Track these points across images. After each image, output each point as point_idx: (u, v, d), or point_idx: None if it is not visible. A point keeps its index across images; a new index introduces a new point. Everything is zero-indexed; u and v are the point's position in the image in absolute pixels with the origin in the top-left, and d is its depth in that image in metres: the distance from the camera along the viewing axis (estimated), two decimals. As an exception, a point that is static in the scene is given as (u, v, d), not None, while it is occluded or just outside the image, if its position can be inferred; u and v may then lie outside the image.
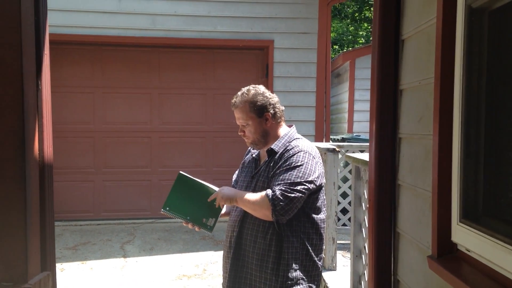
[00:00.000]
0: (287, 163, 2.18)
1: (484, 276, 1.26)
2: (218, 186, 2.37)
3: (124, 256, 5.46)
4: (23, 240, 1.41)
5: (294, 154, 2.19)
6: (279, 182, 2.13)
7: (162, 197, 2.40)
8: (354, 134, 8.93)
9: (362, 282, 3.03)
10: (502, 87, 1.31)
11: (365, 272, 2.94)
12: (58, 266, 5.03)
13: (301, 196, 2.12)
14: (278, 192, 2.09)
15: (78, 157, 6.99)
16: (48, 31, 1.73)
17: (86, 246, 5.83)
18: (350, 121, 10.45)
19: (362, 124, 10.02)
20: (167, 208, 2.31)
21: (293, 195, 2.09)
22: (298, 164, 2.16)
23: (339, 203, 5.50)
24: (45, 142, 1.61)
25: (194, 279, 4.76)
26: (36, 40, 1.61)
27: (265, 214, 2.13)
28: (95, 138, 7.05)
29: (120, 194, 7.07)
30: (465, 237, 1.38)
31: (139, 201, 7.09)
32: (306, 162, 2.17)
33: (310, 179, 2.15)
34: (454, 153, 1.45)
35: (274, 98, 2.37)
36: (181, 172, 2.37)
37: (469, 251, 1.37)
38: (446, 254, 1.47)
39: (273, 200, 2.08)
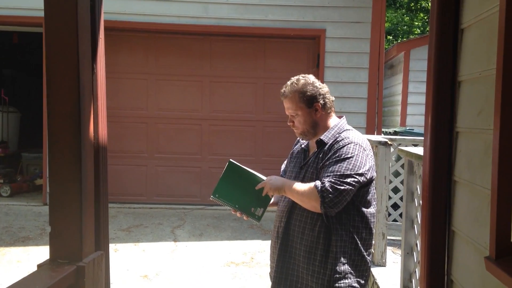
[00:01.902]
0: (337, 154, 2.14)
1: (547, 281, 1.19)
2: (267, 175, 2.36)
3: (175, 240, 5.60)
4: (78, 220, 1.47)
5: (344, 146, 2.15)
6: (329, 174, 2.09)
7: (211, 184, 2.43)
8: (407, 128, 8.67)
9: (413, 280, 2.95)
10: None
11: (417, 270, 2.86)
12: (112, 246, 5.23)
13: (350, 188, 2.07)
14: (327, 184, 2.05)
15: (132, 142, 7.21)
16: (103, 16, 1.78)
17: (138, 228, 6.03)
18: (403, 114, 10.15)
19: (416, 118, 9.69)
20: (217, 195, 2.34)
21: (342, 187, 2.05)
22: (348, 156, 2.11)
23: (390, 198, 5.39)
24: (100, 125, 1.66)
25: (242, 266, 4.81)
26: (91, 24, 1.66)
27: (313, 205, 2.11)
28: (148, 124, 7.24)
29: (172, 180, 7.25)
30: (527, 238, 1.30)
31: (189, 187, 7.24)
32: (357, 154, 2.13)
33: (360, 171, 2.10)
34: (517, 149, 1.37)
35: (324, 88, 2.32)
36: (231, 160, 2.38)
37: (530, 254, 1.29)
38: (505, 256, 1.39)
39: (322, 192, 2.05)
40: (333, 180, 2.06)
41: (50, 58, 1.58)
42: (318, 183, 2.09)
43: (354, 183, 2.08)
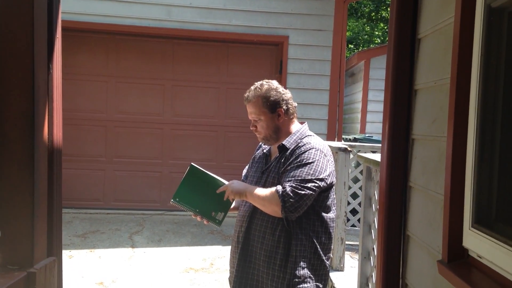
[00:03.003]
0: (298, 159, 2.16)
1: (496, 284, 1.23)
2: (229, 180, 2.35)
3: (132, 246, 5.49)
4: (30, 224, 1.41)
5: (306, 151, 2.17)
6: (290, 179, 2.11)
7: (172, 189, 2.40)
8: (367, 135, 8.87)
9: (370, 284, 3.00)
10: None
11: (373, 274, 2.91)
12: (67, 253, 5.07)
13: (311, 193, 2.09)
14: (288, 189, 2.07)
15: (90, 146, 7.04)
16: (60, 14, 1.72)
17: (95, 234, 5.87)
18: (363, 122, 10.37)
19: (375, 125, 9.94)
20: (177, 199, 2.31)
21: (303, 192, 2.07)
22: (310, 161, 2.14)
23: (349, 203, 5.47)
24: (55, 127, 1.60)
25: (201, 272, 4.76)
26: (48, 22, 1.61)
27: (274, 210, 2.11)
28: (107, 127, 7.09)
29: (131, 185, 7.11)
30: (477, 243, 1.35)
31: (149, 193, 7.12)
32: (318, 159, 2.15)
33: (321, 176, 2.12)
34: (468, 156, 1.42)
35: (287, 94, 2.34)
36: (193, 164, 2.36)
37: (480, 258, 1.33)
38: (457, 259, 1.44)
39: (283, 196, 2.06)
40: (294, 185, 2.08)
41: (3, 56, 1.52)
42: (279, 187, 2.10)
43: (314, 187, 2.10)
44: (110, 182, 7.10)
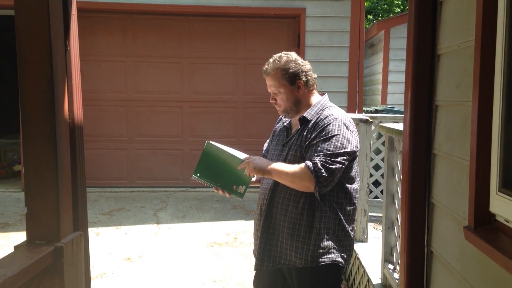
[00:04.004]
0: (324, 133, 2.13)
1: (524, 247, 1.21)
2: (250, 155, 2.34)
3: (157, 222, 5.58)
4: (55, 199, 1.43)
5: (329, 124, 2.14)
6: (318, 154, 2.08)
7: (193, 166, 2.40)
8: (388, 106, 8.73)
9: (394, 253, 2.99)
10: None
11: (397, 244, 2.90)
12: (94, 230, 5.19)
13: (341, 167, 2.08)
14: (319, 164, 2.04)
15: (111, 126, 7.12)
16: (75, -10, 1.72)
17: (120, 212, 5.98)
18: (384, 93, 10.21)
19: (396, 96, 9.77)
20: (198, 174, 2.32)
21: (334, 166, 2.05)
22: (335, 133, 2.11)
23: (371, 175, 5.42)
24: (74, 103, 1.61)
25: (225, 246, 4.83)
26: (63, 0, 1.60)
27: (306, 185, 2.09)
28: (128, 107, 7.15)
29: (153, 163, 7.19)
30: (504, 207, 1.32)
31: (171, 170, 7.20)
32: (343, 131, 2.13)
33: (348, 149, 2.11)
34: (495, 120, 1.38)
35: (306, 65, 2.31)
36: (209, 141, 2.35)
37: (508, 222, 1.31)
38: (484, 225, 1.41)
39: (315, 171, 2.04)
40: (323, 160, 2.05)
41: (21, 35, 1.52)
42: (309, 163, 2.07)
43: (344, 161, 2.09)
44: (132, 161, 7.20)
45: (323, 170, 2.03)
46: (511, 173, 1.32)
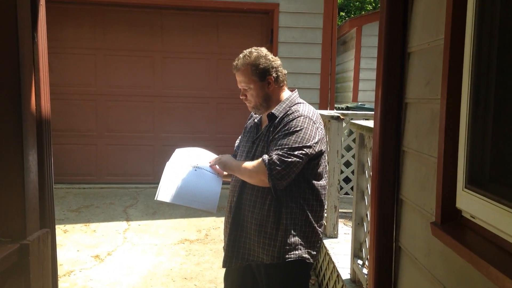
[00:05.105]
0: (286, 127, 2.14)
1: (488, 242, 1.24)
2: (222, 153, 2.36)
3: (127, 219, 5.51)
4: (21, 196, 1.39)
5: (294, 119, 2.15)
6: (277, 147, 2.10)
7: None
8: (359, 103, 8.83)
9: (363, 249, 3.03)
10: (516, 49, 1.25)
11: (367, 239, 2.94)
12: (61, 227, 5.09)
13: (298, 161, 2.08)
14: (275, 157, 2.06)
15: (80, 120, 6.98)
16: (42, -20, 1.67)
17: (89, 208, 5.88)
18: (355, 90, 10.33)
19: (367, 94, 9.90)
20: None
21: (290, 159, 2.06)
22: (297, 129, 2.12)
23: (342, 172, 5.49)
24: (42, 97, 1.57)
25: (196, 243, 4.80)
26: (30, -11, 1.55)
27: (261, 179, 2.11)
28: (97, 101, 7.01)
29: (123, 159, 7.09)
30: (470, 203, 1.35)
31: (142, 166, 7.11)
32: (306, 127, 2.13)
33: (309, 144, 2.11)
34: (462, 117, 1.41)
35: (276, 61, 2.31)
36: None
37: (473, 218, 1.34)
38: (450, 220, 1.44)
39: (269, 164, 2.06)
40: (280, 153, 2.07)
41: (-15, 25, 1.47)
42: (265, 156, 2.10)
43: (301, 155, 2.09)
44: (102, 156, 7.08)
45: (278, 163, 2.04)
46: (477, 170, 1.35)
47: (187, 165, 2.32)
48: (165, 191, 2.24)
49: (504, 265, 1.12)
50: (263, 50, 2.31)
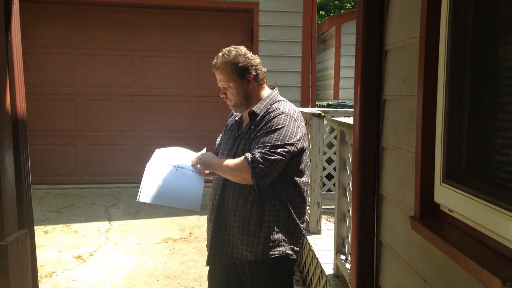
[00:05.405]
0: (268, 125, 2.14)
1: (466, 235, 1.27)
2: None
3: (109, 219, 5.46)
4: (-2, 198, 1.37)
5: (275, 117, 2.16)
6: (259, 145, 2.10)
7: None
8: (340, 101, 8.91)
9: (346, 244, 3.06)
10: (488, 46, 1.28)
11: (349, 235, 2.97)
12: (42, 228, 5.02)
13: (281, 158, 2.09)
14: (257, 155, 2.06)
15: (59, 120, 6.88)
16: (17, -21, 1.64)
17: (70, 209, 5.81)
18: (336, 88, 10.40)
19: (348, 91, 9.98)
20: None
21: (273, 157, 2.07)
22: (279, 126, 2.13)
23: (324, 168, 5.52)
24: (17, 97, 1.54)
25: (180, 242, 4.78)
26: (3, -13, 1.52)
27: (244, 177, 2.11)
28: (76, 101, 6.92)
29: (104, 159, 7.01)
30: (448, 197, 1.38)
31: (123, 166, 7.04)
32: (287, 124, 2.14)
33: (291, 141, 2.12)
34: (438, 113, 1.43)
35: (256, 59, 2.31)
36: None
37: (451, 211, 1.37)
38: (429, 214, 1.47)
39: (252, 163, 2.06)
40: (263, 151, 2.07)
41: (-43, 25, 1.44)
42: (248, 155, 2.10)
43: (284, 153, 2.10)
44: (82, 156, 6.99)
45: (261, 161, 2.05)
46: (454, 165, 1.38)
47: (168, 165, 2.31)
48: (147, 192, 2.23)
49: (481, 257, 1.14)
50: (242, 49, 2.31)
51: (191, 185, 2.30)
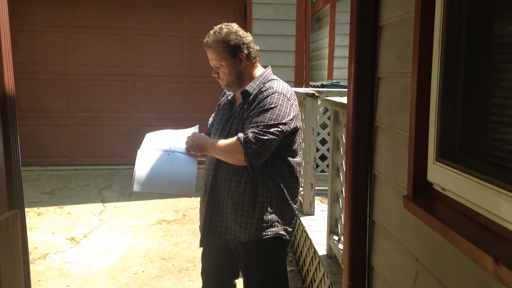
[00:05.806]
0: (261, 105, 2.11)
1: (458, 214, 1.26)
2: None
3: (103, 201, 5.44)
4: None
5: (268, 96, 2.13)
6: (252, 125, 2.08)
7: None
8: (334, 81, 8.85)
9: (339, 225, 3.07)
10: (484, 22, 1.25)
11: (342, 215, 2.97)
12: (35, 210, 5.00)
13: (274, 138, 2.07)
14: (250, 135, 2.04)
15: (51, 101, 6.80)
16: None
17: (63, 191, 5.78)
18: (330, 68, 10.34)
19: (342, 71, 9.91)
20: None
21: (266, 137, 2.04)
22: (272, 106, 2.10)
23: (318, 149, 5.51)
24: (5, 74, 1.49)
25: (174, 224, 4.79)
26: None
27: (237, 158, 2.09)
28: (67, 81, 6.84)
29: (97, 140, 6.96)
30: (441, 176, 1.36)
31: (116, 147, 7.00)
32: (280, 104, 2.11)
33: (284, 121, 2.09)
34: (433, 91, 1.41)
35: (248, 37, 2.27)
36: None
37: (444, 190, 1.35)
38: (422, 193, 1.46)
39: (245, 143, 2.03)
40: (256, 131, 2.04)
41: None
42: (240, 135, 2.07)
43: (277, 132, 2.07)
44: (75, 137, 6.94)
45: (253, 141, 2.02)
46: (448, 143, 1.36)
47: (159, 150, 2.28)
48: (141, 181, 2.20)
49: (473, 235, 1.13)
50: (234, 26, 2.26)
51: (184, 168, 2.27)
